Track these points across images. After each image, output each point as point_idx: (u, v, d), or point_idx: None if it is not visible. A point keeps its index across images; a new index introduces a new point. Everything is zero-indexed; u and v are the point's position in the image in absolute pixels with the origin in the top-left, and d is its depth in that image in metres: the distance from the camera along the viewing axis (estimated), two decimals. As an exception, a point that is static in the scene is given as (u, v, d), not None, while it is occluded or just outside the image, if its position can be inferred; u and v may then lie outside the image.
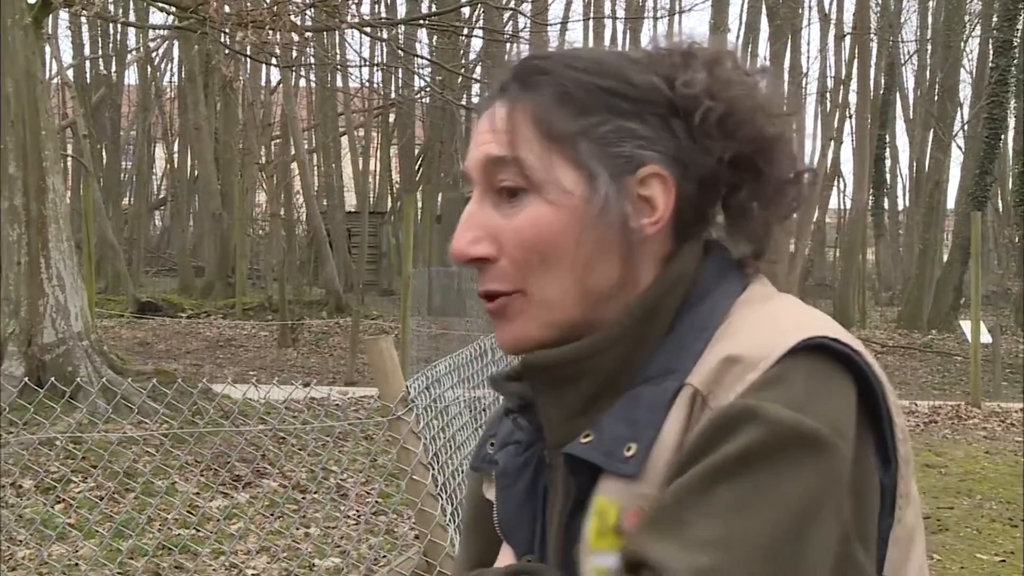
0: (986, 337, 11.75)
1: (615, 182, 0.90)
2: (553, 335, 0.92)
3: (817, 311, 0.92)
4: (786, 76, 21.32)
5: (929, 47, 25.57)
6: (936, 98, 23.32)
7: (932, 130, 22.22)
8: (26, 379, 6.03)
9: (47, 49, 18.49)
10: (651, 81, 0.93)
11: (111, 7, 18.31)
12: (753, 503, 0.78)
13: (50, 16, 10.70)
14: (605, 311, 0.92)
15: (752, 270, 0.96)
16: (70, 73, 25.64)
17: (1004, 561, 5.21)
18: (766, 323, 0.88)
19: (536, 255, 0.90)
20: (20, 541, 4.74)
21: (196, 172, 26.60)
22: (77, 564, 4.51)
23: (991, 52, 19.55)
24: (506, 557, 1.02)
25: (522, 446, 1.00)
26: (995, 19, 19.83)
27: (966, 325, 12.31)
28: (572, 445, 0.89)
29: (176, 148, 30.35)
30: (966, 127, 22.28)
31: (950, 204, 23.52)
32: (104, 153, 27.69)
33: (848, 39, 23.04)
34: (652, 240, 0.92)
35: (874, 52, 23.31)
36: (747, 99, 0.93)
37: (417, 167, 26.97)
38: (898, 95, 28.86)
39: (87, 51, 27.36)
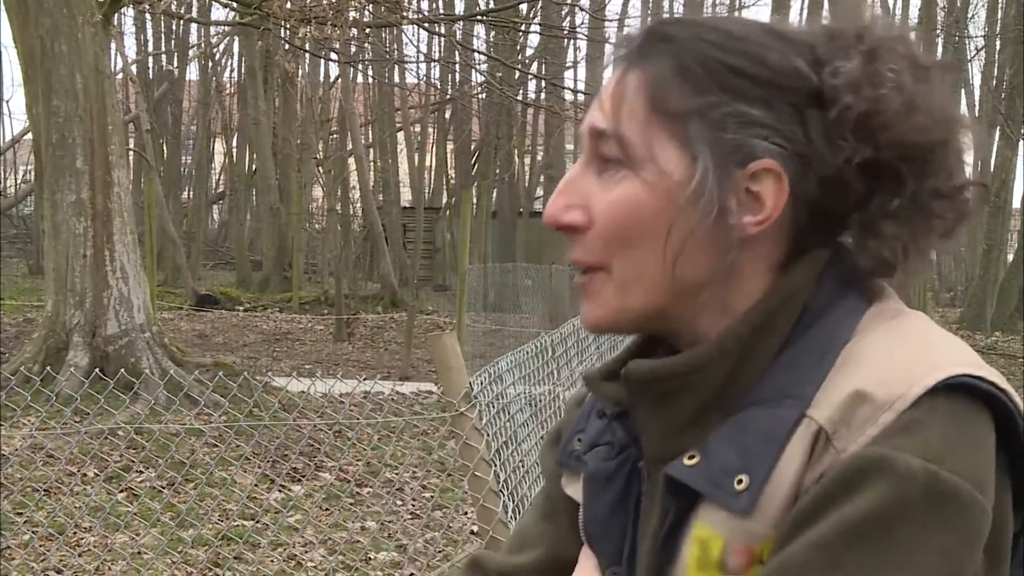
0: (1054, 340, 11.45)
1: (719, 170, 0.83)
2: (631, 320, 0.89)
3: (950, 335, 0.84)
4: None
5: (998, 43, 24.98)
6: (1004, 95, 22.78)
7: (999, 127, 21.70)
8: (97, 370, 6.12)
9: (112, 45, 18.82)
10: (792, 64, 0.84)
11: (174, 4, 18.60)
12: (888, 570, 0.73)
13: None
14: (693, 306, 0.87)
15: (879, 284, 0.89)
16: (134, 68, 26.14)
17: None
18: (899, 352, 0.80)
19: (623, 234, 0.86)
20: (87, 528, 4.83)
21: (254, 167, 26.92)
22: (140, 552, 4.58)
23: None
24: (586, 562, 0.98)
25: (613, 449, 0.95)
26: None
27: (1033, 328, 12.02)
28: (675, 466, 0.84)
29: (235, 143, 30.74)
30: (1034, 125, 21.70)
31: (1016, 203, 22.99)
32: (165, 147, 28.15)
33: (912, 35, 22.58)
34: (759, 241, 0.85)
35: (939, 48, 22.83)
36: (897, 99, 0.82)
37: (473, 163, 27.02)
38: (963, 92, 28.31)
39: (150, 47, 27.85)
